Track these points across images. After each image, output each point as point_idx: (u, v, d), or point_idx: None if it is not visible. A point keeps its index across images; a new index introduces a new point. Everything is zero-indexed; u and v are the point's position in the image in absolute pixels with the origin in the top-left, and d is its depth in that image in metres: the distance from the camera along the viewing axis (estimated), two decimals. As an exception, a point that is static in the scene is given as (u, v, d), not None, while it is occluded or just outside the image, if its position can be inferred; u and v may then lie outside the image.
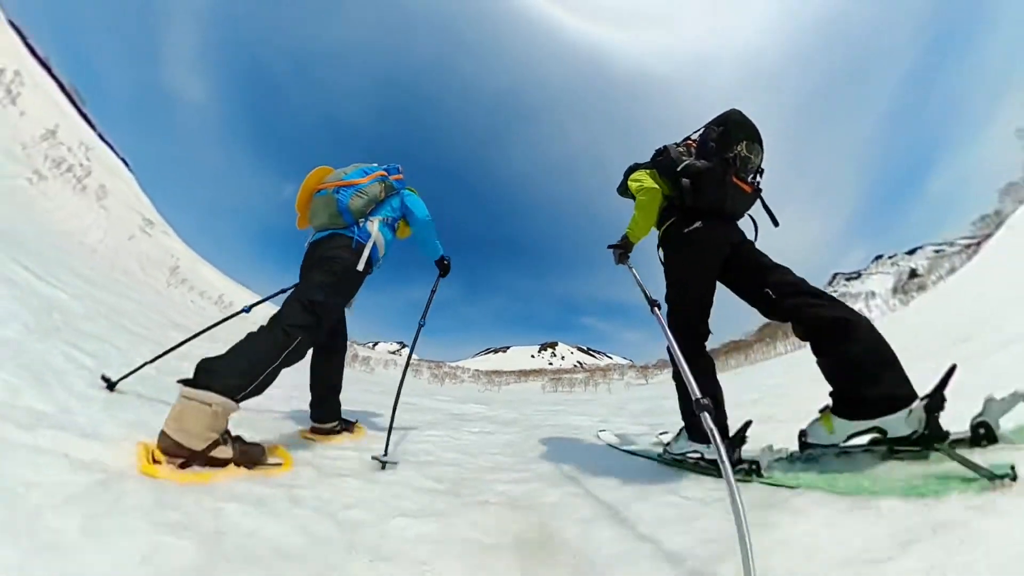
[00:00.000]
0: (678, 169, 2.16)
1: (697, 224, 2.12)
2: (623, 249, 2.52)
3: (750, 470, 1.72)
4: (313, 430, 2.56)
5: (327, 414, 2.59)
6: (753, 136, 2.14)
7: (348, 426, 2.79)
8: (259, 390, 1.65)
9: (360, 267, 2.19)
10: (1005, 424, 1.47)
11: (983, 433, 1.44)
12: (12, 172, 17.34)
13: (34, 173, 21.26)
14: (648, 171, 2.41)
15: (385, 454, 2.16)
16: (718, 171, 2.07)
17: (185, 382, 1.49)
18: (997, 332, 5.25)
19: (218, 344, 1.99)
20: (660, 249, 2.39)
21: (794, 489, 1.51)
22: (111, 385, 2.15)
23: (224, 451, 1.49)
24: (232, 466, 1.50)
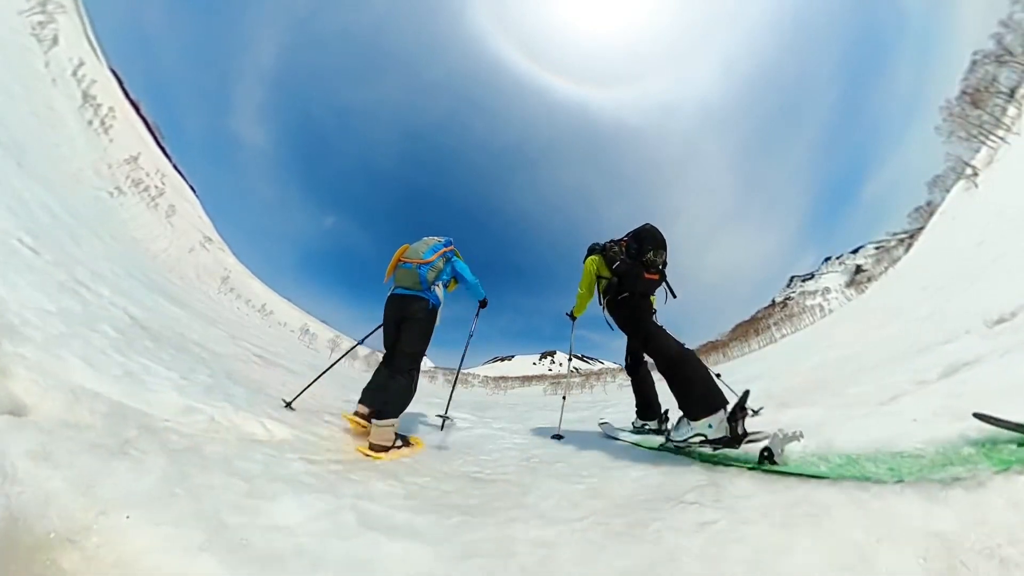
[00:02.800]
0: (613, 267, 3.34)
1: (626, 294, 3.20)
2: (571, 317, 4.21)
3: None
4: (371, 447, 2.80)
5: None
6: (658, 245, 3.11)
7: (405, 440, 3.10)
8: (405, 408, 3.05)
9: (436, 324, 3.36)
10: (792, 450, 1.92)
11: (767, 456, 1.89)
12: (97, 185, 20.03)
13: (115, 188, 24.34)
14: (597, 258, 3.59)
15: (446, 411, 3.65)
16: (634, 272, 3.11)
17: (377, 416, 2.85)
18: (935, 309, 5.74)
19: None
20: (607, 313, 3.43)
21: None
22: (289, 404, 3.36)
23: (398, 443, 2.92)
24: (401, 450, 2.94)
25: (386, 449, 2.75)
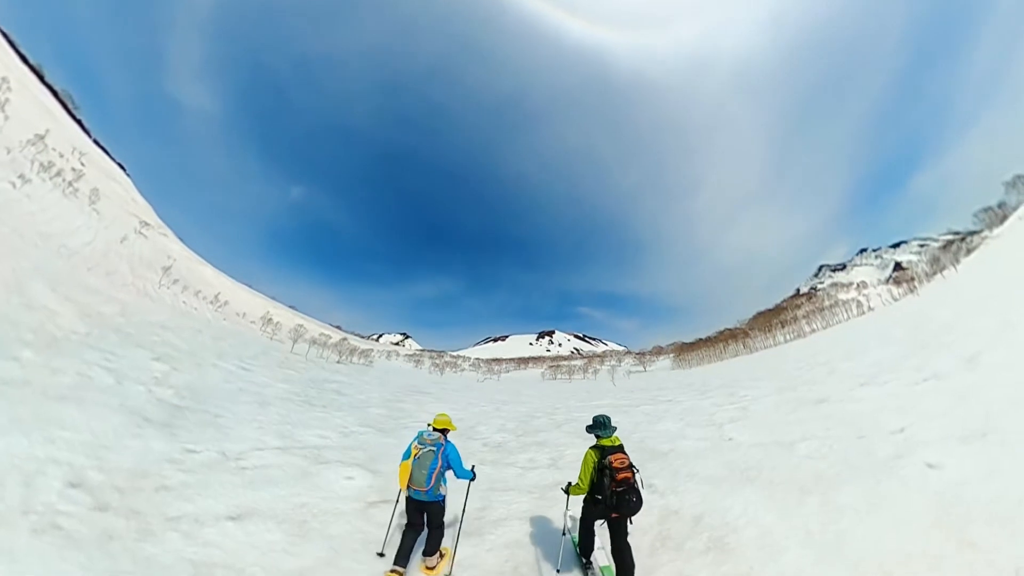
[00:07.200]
0: (592, 482, 4.26)
1: (599, 497, 4.14)
2: (567, 493, 4.64)
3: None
4: (427, 567, 4.59)
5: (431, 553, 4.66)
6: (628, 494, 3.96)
7: (441, 555, 4.74)
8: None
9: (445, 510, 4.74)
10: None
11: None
12: (-9, 176, 17.40)
13: (18, 177, 21.37)
14: (595, 454, 4.23)
15: None
16: (605, 496, 4.03)
17: (427, 554, 4.55)
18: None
19: None
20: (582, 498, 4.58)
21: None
22: (381, 554, 4.80)
23: (440, 560, 4.68)
24: (442, 562, 4.75)
25: (435, 567, 4.54)
